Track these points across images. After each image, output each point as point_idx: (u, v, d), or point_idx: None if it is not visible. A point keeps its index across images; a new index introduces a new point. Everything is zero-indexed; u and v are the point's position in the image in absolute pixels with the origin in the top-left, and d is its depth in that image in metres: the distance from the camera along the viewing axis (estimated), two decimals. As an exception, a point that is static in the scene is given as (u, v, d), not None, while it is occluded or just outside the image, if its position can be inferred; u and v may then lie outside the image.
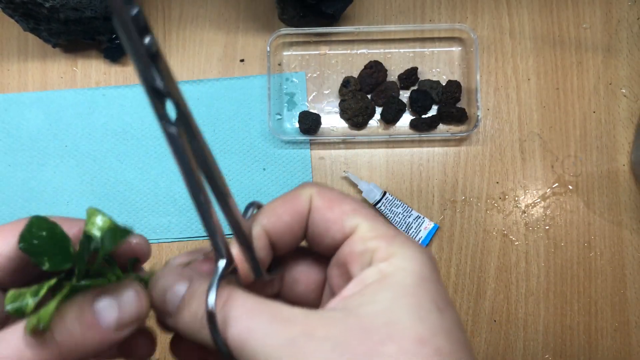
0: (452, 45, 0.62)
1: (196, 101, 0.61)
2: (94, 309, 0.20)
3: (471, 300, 0.59)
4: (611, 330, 0.58)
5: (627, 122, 0.61)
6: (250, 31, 0.63)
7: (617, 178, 0.60)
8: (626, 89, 0.61)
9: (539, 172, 0.60)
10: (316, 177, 0.61)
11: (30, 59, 0.63)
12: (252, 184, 0.60)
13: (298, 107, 0.61)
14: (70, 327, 0.20)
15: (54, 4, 0.52)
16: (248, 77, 0.62)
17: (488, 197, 0.60)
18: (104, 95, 0.62)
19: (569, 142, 0.61)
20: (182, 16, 0.63)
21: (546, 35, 0.62)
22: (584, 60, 0.62)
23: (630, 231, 0.59)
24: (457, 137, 0.60)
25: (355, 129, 0.61)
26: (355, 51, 0.62)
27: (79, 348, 0.20)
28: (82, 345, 0.20)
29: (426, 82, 0.60)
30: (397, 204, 0.58)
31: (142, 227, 0.60)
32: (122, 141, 0.61)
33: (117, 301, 0.21)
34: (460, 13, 0.62)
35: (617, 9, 0.62)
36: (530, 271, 0.59)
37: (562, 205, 0.60)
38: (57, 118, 0.61)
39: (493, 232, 0.60)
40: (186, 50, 0.63)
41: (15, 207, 0.61)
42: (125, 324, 0.21)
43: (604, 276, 0.59)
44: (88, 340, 0.20)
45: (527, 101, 0.61)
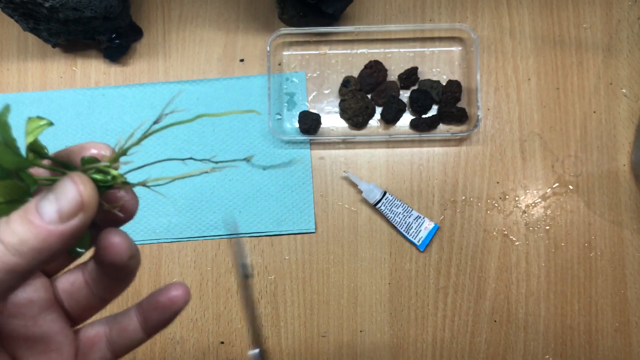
0: (452, 45, 0.62)
1: (196, 101, 0.61)
2: (36, 207, 0.21)
3: (471, 301, 0.59)
4: (611, 330, 0.58)
5: (627, 122, 0.61)
6: (250, 31, 0.63)
7: (617, 178, 0.60)
8: (626, 89, 0.61)
9: (539, 172, 0.60)
10: (316, 177, 0.61)
11: (30, 58, 0.63)
12: (252, 184, 0.60)
13: (298, 107, 0.61)
14: (14, 227, 0.20)
15: (54, 4, 0.52)
16: (248, 77, 0.62)
17: (488, 197, 0.60)
18: (103, 95, 0.62)
19: (570, 142, 0.61)
20: (182, 16, 0.63)
21: (546, 35, 0.62)
22: (584, 60, 0.62)
23: (630, 231, 0.59)
24: (457, 137, 0.60)
25: (355, 129, 0.61)
26: (355, 51, 0.62)
27: (28, 247, 0.20)
28: (29, 244, 0.20)
29: (426, 82, 0.60)
30: (397, 204, 0.58)
31: (142, 227, 0.60)
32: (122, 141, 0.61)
33: (55, 193, 0.21)
34: (460, 13, 0.62)
35: (617, 9, 0.62)
36: (530, 271, 0.59)
37: (563, 206, 0.60)
38: (57, 118, 0.61)
39: (493, 232, 0.60)
40: (186, 50, 0.63)
41: (15, 207, 0.60)
42: (68, 214, 0.21)
43: (605, 276, 0.59)
44: (34, 238, 0.20)
45: (528, 101, 0.61)
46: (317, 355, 0.59)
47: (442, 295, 0.59)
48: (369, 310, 0.59)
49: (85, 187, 0.21)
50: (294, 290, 0.60)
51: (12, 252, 0.20)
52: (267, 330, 0.59)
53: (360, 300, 0.59)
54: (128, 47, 0.62)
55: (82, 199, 0.21)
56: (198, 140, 0.61)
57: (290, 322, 0.59)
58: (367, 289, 0.59)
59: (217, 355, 0.59)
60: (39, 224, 0.20)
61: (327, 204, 0.60)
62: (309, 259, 0.60)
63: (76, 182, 0.21)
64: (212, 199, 0.60)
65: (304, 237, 0.60)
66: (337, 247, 0.60)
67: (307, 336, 0.59)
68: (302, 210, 0.60)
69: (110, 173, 0.24)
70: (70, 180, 0.21)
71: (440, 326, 0.59)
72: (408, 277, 0.59)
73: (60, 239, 0.21)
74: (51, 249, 0.21)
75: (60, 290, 0.27)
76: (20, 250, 0.20)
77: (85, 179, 0.22)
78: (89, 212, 0.21)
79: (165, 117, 0.25)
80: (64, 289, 0.27)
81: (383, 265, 0.59)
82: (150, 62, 0.63)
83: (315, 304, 0.59)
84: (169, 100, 0.61)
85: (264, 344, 0.24)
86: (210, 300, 0.60)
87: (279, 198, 0.60)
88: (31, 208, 0.21)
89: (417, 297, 0.59)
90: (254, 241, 0.60)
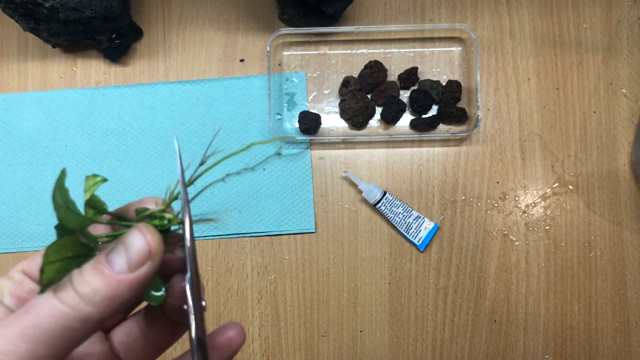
0: (452, 45, 0.62)
1: (196, 101, 0.61)
2: (107, 259, 0.22)
3: (471, 300, 0.59)
4: (611, 330, 0.58)
5: (627, 122, 0.61)
6: (250, 31, 0.63)
7: (617, 178, 0.60)
8: (626, 89, 0.61)
9: (539, 172, 0.60)
10: (316, 177, 0.61)
11: (30, 59, 0.63)
12: (252, 184, 0.60)
13: (298, 107, 0.61)
14: (87, 277, 0.21)
15: (54, 4, 0.52)
16: (248, 77, 0.62)
17: (488, 197, 0.60)
18: (103, 95, 0.62)
19: (569, 142, 0.61)
20: (182, 16, 0.63)
21: (546, 35, 0.62)
22: (584, 60, 0.62)
23: (630, 231, 0.59)
24: (457, 137, 0.60)
25: (355, 129, 0.61)
26: (355, 51, 0.62)
27: (100, 296, 0.21)
28: (102, 293, 0.21)
29: (426, 82, 0.60)
30: (397, 204, 0.58)
31: (142, 227, 0.60)
32: (122, 141, 0.61)
33: (124, 245, 0.22)
34: (460, 13, 0.62)
35: (617, 9, 0.62)
36: (530, 271, 0.59)
37: (563, 205, 0.60)
38: (57, 118, 0.61)
39: (493, 232, 0.60)
40: (186, 50, 0.63)
41: (15, 207, 0.60)
42: (137, 263, 0.22)
43: (604, 276, 0.59)
44: (105, 287, 0.21)
45: (527, 101, 0.61)
46: (317, 355, 0.59)
47: (442, 295, 0.59)
48: (369, 310, 0.59)
49: (152, 237, 0.23)
50: (294, 290, 0.60)
51: (86, 302, 0.21)
52: (267, 330, 0.59)
53: (360, 300, 0.59)
54: (128, 47, 0.62)
55: (149, 248, 0.22)
56: (198, 140, 0.61)
57: (290, 322, 0.59)
58: (367, 289, 0.59)
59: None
60: (110, 274, 0.21)
61: (327, 204, 0.60)
62: (309, 259, 0.60)
63: (143, 232, 0.23)
64: (212, 199, 0.60)
65: (304, 237, 0.60)
66: (337, 247, 0.60)
67: (307, 336, 0.59)
68: (302, 210, 0.60)
69: (165, 217, 0.25)
70: (138, 231, 0.23)
71: (440, 326, 0.59)
72: (408, 277, 0.59)
73: (130, 287, 0.22)
74: (122, 298, 0.22)
75: (116, 342, 0.28)
76: (93, 299, 0.21)
77: (151, 228, 0.23)
78: (156, 259, 0.23)
79: (208, 158, 0.28)
80: (119, 340, 0.28)
81: (383, 265, 0.59)
82: (150, 62, 0.63)
83: (315, 304, 0.59)
84: (169, 100, 0.62)
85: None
86: (210, 300, 0.60)
87: (279, 198, 0.60)
88: (102, 260, 0.22)
89: (417, 297, 0.59)
90: (254, 241, 0.60)
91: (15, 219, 0.60)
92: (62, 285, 0.21)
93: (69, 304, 0.21)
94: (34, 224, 0.60)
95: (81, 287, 0.21)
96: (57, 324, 0.21)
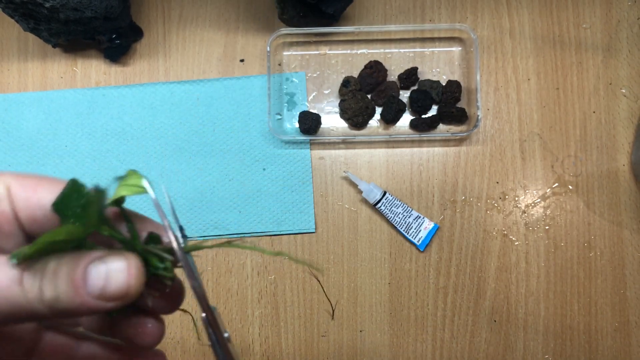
0: (452, 45, 0.62)
1: (196, 101, 0.61)
2: (86, 270, 0.21)
3: (471, 300, 0.59)
4: (611, 330, 0.58)
5: (627, 122, 0.61)
6: (250, 31, 0.63)
7: (617, 178, 0.60)
8: (626, 89, 0.61)
9: (539, 172, 0.60)
10: (316, 177, 0.61)
11: (30, 59, 0.63)
12: (252, 184, 0.60)
13: (298, 107, 0.61)
14: (59, 283, 0.20)
15: (54, 4, 0.52)
16: (248, 77, 0.62)
17: (488, 197, 0.60)
18: (103, 95, 0.62)
19: (569, 142, 0.61)
20: (182, 16, 0.63)
21: (546, 35, 0.62)
22: (584, 60, 0.62)
23: (630, 231, 0.59)
24: (457, 137, 0.60)
25: (355, 129, 0.61)
26: (355, 51, 0.62)
27: (60, 304, 0.20)
28: (63, 302, 0.20)
29: (426, 82, 0.60)
30: (397, 204, 0.58)
31: (142, 227, 0.60)
32: (122, 141, 0.61)
33: (107, 270, 0.21)
34: (460, 13, 0.62)
35: (617, 9, 0.62)
36: (530, 271, 0.59)
37: (562, 205, 0.60)
38: (57, 118, 0.61)
39: (493, 232, 0.60)
40: (186, 50, 0.63)
41: (15, 207, 0.60)
42: (110, 296, 0.21)
43: (604, 276, 0.59)
44: (69, 302, 0.20)
45: (527, 101, 0.61)
46: (317, 355, 0.59)
47: (442, 295, 0.59)
48: (369, 310, 0.59)
49: (136, 280, 0.21)
50: (294, 290, 0.60)
51: (43, 304, 0.20)
52: (267, 330, 0.59)
53: (360, 300, 0.59)
54: (128, 47, 0.62)
55: (127, 290, 0.21)
56: (198, 140, 0.61)
57: (290, 322, 0.59)
58: (367, 289, 0.59)
59: (217, 355, 0.59)
60: (81, 291, 0.20)
61: (327, 204, 0.60)
62: (308, 259, 0.60)
63: (131, 272, 0.21)
64: (212, 199, 0.60)
65: (304, 237, 0.60)
66: (337, 247, 0.60)
67: (307, 336, 0.59)
68: (302, 210, 0.60)
69: (165, 264, 0.23)
70: (127, 267, 0.21)
71: (440, 326, 0.59)
72: (408, 277, 0.59)
73: (91, 312, 0.21)
74: (77, 315, 0.21)
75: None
76: (52, 305, 0.20)
77: (139, 270, 0.22)
78: (128, 300, 0.22)
79: (243, 239, 0.26)
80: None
81: (383, 265, 0.59)
82: (150, 62, 0.63)
83: (315, 304, 0.59)
84: (169, 100, 0.62)
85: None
86: (210, 300, 0.60)
87: (279, 198, 0.60)
88: (81, 268, 0.21)
89: (417, 297, 0.59)
90: (254, 241, 0.60)
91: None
92: (33, 271, 0.20)
93: (28, 297, 0.20)
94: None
95: (48, 290, 0.20)
96: (1, 302, 0.20)
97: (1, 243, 0.23)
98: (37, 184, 0.23)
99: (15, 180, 0.23)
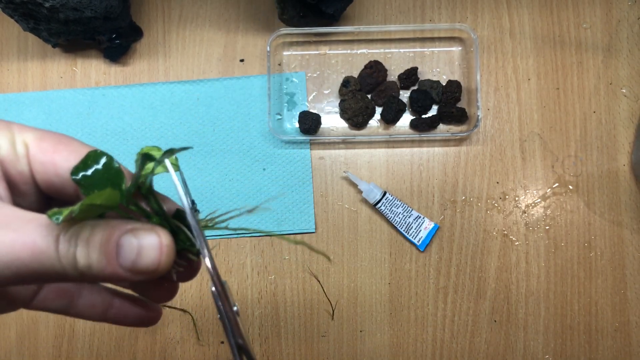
0: (452, 45, 0.62)
1: (196, 101, 0.61)
2: (119, 242, 0.21)
3: (471, 301, 0.59)
4: (611, 330, 0.58)
5: (627, 122, 0.61)
6: (250, 31, 0.63)
7: (617, 178, 0.60)
8: (626, 89, 0.61)
9: (539, 172, 0.60)
10: (316, 177, 0.61)
11: (30, 58, 0.63)
12: (252, 184, 0.60)
13: (298, 107, 0.61)
14: (91, 251, 0.21)
15: (54, 4, 0.52)
16: (248, 77, 0.62)
17: (488, 197, 0.60)
18: (103, 95, 0.62)
19: (569, 142, 0.61)
20: (182, 16, 0.63)
21: (546, 35, 0.62)
22: (584, 60, 0.62)
23: (630, 231, 0.59)
24: (457, 137, 0.60)
25: (355, 129, 0.61)
26: (355, 51, 0.62)
27: (92, 272, 0.21)
28: (94, 270, 0.21)
29: (426, 82, 0.60)
30: (397, 204, 0.58)
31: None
32: (122, 141, 0.61)
33: (140, 243, 0.21)
34: (460, 13, 0.62)
35: (617, 9, 0.62)
36: (530, 271, 0.59)
37: (563, 206, 0.60)
38: (57, 118, 0.61)
39: (493, 232, 0.60)
40: (186, 50, 0.63)
41: (15, 207, 0.60)
42: (139, 270, 0.21)
43: (604, 276, 0.59)
44: (101, 269, 0.21)
45: (527, 101, 0.61)
46: (317, 355, 0.59)
47: (442, 295, 0.59)
48: (369, 310, 0.59)
49: (166, 258, 0.22)
50: (294, 290, 0.60)
51: (75, 269, 0.20)
52: (267, 330, 0.59)
53: (360, 300, 0.59)
54: (128, 47, 0.62)
55: (158, 266, 0.21)
56: (198, 140, 0.61)
57: (290, 322, 0.59)
58: (367, 289, 0.59)
59: (217, 355, 0.59)
60: (112, 261, 0.21)
61: (327, 204, 0.60)
62: (309, 259, 0.60)
63: (162, 249, 0.22)
64: (212, 199, 0.60)
65: (304, 237, 0.60)
66: (337, 247, 0.60)
67: (307, 336, 0.59)
68: (302, 210, 0.60)
69: (192, 240, 0.24)
70: (159, 243, 0.22)
71: (440, 326, 0.59)
72: (408, 277, 0.59)
73: (120, 281, 0.21)
74: (105, 281, 0.21)
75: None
76: (83, 272, 0.21)
77: (171, 248, 0.22)
78: (157, 275, 0.22)
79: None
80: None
81: (383, 265, 0.59)
82: (150, 62, 0.63)
83: (315, 304, 0.59)
84: (169, 100, 0.61)
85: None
86: (210, 300, 0.60)
87: (279, 198, 0.60)
88: (114, 238, 0.21)
89: (417, 297, 0.59)
90: (254, 241, 0.60)
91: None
92: (68, 237, 0.20)
93: (62, 262, 0.20)
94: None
95: (81, 258, 0.20)
96: (31, 264, 0.20)
97: (17, 200, 0.23)
98: (55, 147, 0.23)
99: (34, 140, 0.23)
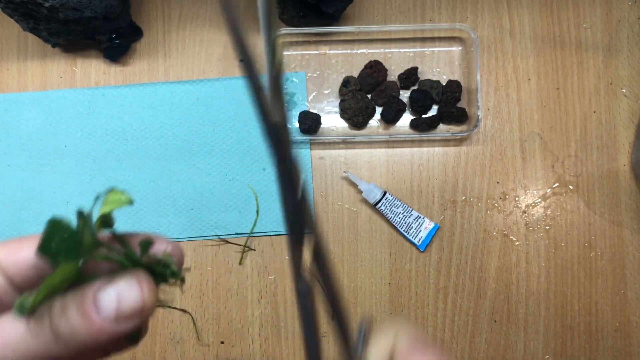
0: (452, 45, 0.62)
1: (196, 101, 0.61)
2: (95, 298, 0.20)
3: (471, 301, 0.59)
4: (612, 330, 0.58)
5: (627, 122, 0.61)
6: (251, 31, 0.63)
7: (617, 178, 0.60)
8: (627, 88, 0.61)
9: (539, 172, 0.60)
10: (316, 177, 0.61)
11: (29, 58, 0.63)
12: (252, 184, 0.60)
13: (298, 107, 0.61)
14: (70, 315, 0.19)
15: (54, 4, 0.52)
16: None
17: (488, 197, 0.60)
18: (103, 95, 0.62)
19: (570, 142, 0.61)
20: (182, 16, 0.63)
21: (546, 35, 0.62)
22: (585, 60, 0.62)
23: (630, 231, 0.59)
24: (458, 137, 0.60)
25: (355, 129, 0.61)
26: (355, 51, 0.62)
27: (77, 337, 0.19)
28: (80, 334, 0.19)
29: (426, 82, 0.60)
30: (397, 204, 0.58)
31: (141, 227, 0.60)
32: (122, 141, 0.61)
33: (117, 291, 0.20)
34: (460, 13, 0.62)
35: (617, 9, 0.62)
36: (530, 271, 0.59)
37: (563, 206, 0.60)
38: (57, 118, 0.61)
39: (493, 232, 0.60)
40: (186, 50, 0.63)
41: (15, 207, 0.60)
42: (126, 316, 0.20)
43: (605, 276, 0.59)
44: (86, 332, 0.19)
45: (528, 101, 0.61)
46: (317, 356, 0.59)
47: (442, 295, 0.59)
48: (369, 310, 0.59)
49: (149, 294, 0.20)
50: (294, 290, 0.60)
51: (59, 343, 0.19)
52: (267, 330, 0.59)
53: (360, 300, 0.59)
54: (128, 47, 0.62)
55: (143, 305, 0.20)
56: (198, 140, 0.61)
57: (290, 322, 0.59)
58: (367, 289, 0.59)
59: (217, 355, 0.59)
60: (95, 319, 0.19)
61: (327, 204, 0.60)
62: (309, 259, 0.60)
63: (142, 285, 0.20)
64: (212, 199, 0.60)
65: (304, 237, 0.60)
66: (337, 247, 0.60)
67: (307, 336, 0.59)
68: (302, 210, 0.60)
69: (170, 267, 0.22)
70: (137, 282, 0.20)
71: (441, 326, 0.59)
72: (408, 277, 0.59)
73: (110, 338, 0.20)
74: (96, 345, 0.20)
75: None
76: (68, 342, 0.19)
77: (150, 283, 0.21)
78: (146, 316, 0.20)
79: None
80: None
81: (383, 265, 0.59)
82: (150, 62, 0.63)
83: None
84: (169, 100, 0.61)
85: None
86: (210, 300, 0.60)
87: (279, 198, 0.60)
88: (89, 298, 0.20)
89: (417, 297, 0.59)
90: (254, 241, 0.60)
91: (14, 219, 0.60)
92: (39, 316, 0.19)
93: (41, 341, 0.19)
94: (34, 224, 0.60)
95: (60, 326, 0.19)
96: (16, 357, 0.19)
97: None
98: (19, 245, 0.22)
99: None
